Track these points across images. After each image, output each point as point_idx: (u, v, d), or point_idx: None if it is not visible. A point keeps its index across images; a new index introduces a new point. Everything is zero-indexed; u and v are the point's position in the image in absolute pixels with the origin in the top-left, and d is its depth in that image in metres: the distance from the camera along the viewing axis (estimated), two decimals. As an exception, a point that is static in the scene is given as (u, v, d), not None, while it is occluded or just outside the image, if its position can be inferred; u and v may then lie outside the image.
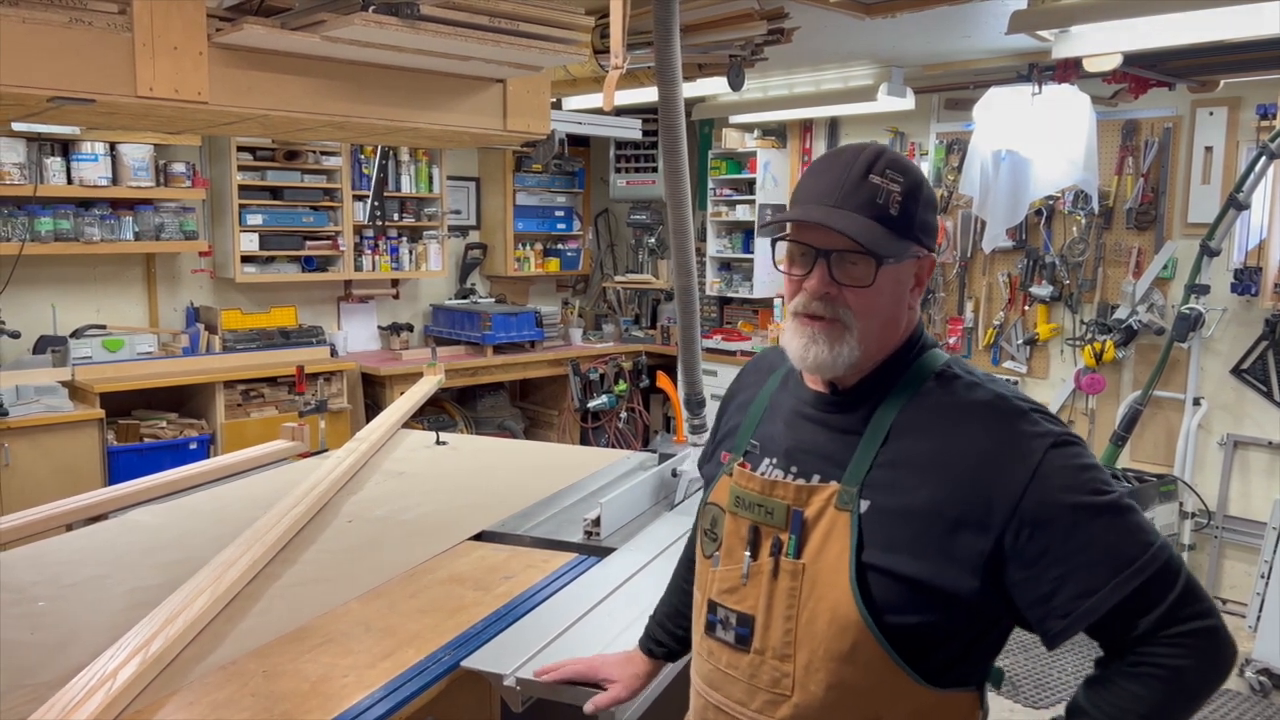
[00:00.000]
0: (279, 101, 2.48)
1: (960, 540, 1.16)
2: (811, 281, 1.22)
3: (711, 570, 1.34)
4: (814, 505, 1.24)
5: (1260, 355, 4.61)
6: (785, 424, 1.34)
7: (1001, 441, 1.18)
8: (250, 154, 5.40)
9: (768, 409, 1.39)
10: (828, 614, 1.20)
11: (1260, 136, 4.41)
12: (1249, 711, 3.73)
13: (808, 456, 1.28)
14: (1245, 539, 4.62)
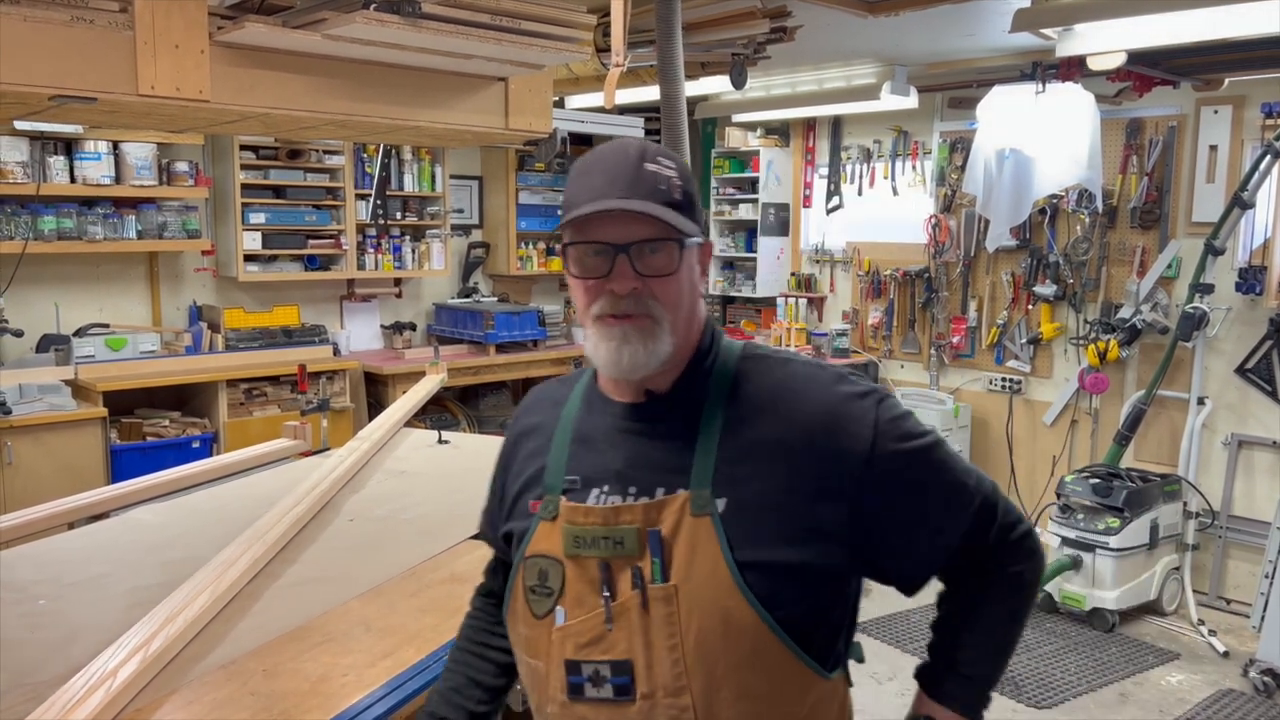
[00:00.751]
0: (281, 100, 2.47)
1: (822, 513, 1.14)
2: (617, 280, 1.14)
3: (555, 629, 1.18)
4: (668, 520, 1.14)
5: (1265, 355, 4.59)
6: (607, 446, 1.21)
7: (834, 409, 1.18)
8: (253, 153, 5.39)
9: (575, 441, 1.24)
10: (720, 626, 1.11)
11: (1265, 135, 4.39)
12: (1253, 712, 3.72)
13: (643, 472, 1.17)
14: (1250, 539, 4.61)
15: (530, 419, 1.33)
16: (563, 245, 1.19)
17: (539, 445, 1.28)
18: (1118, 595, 4.40)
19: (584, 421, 1.25)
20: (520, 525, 1.26)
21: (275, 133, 3.98)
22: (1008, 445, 5.54)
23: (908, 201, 5.93)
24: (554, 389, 1.35)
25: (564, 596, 1.17)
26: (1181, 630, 4.45)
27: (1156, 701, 3.81)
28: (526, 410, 1.37)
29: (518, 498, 1.29)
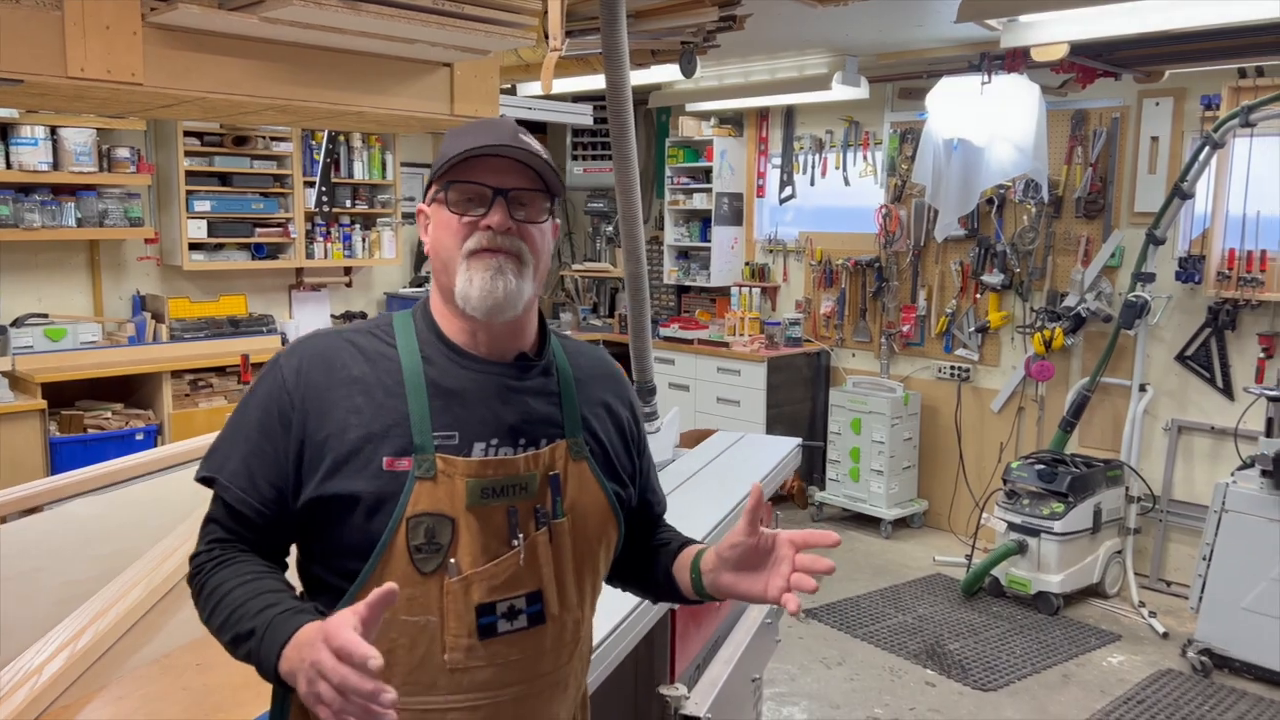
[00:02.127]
0: (218, 84, 2.42)
1: (630, 457, 1.42)
2: (495, 217, 1.24)
3: (451, 580, 1.21)
4: (558, 464, 1.30)
5: (1204, 342, 4.69)
6: (493, 403, 1.27)
7: (620, 377, 1.46)
8: (198, 139, 5.29)
9: (436, 396, 1.25)
10: (600, 548, 1.34)
11: (1204, 127, 4.48)
12: (1190, 691, 3.81)
13: (532, 426, 1.29)
14: (1189, 522, 4.71)
15: (344, 371, 1.25)
16: (439, 189, 1.26)
17: (377, 401, 1.23)
18: (1062, 579, 4.48)
19: (443, 377, 1.26)
20: (372, 485, 1.19)
21: (213, 117, 3.89)
22: (956, 433, 5.61)
23: (859, 191, 5.97)
24: (362, 341, 1.28)
25: (455, 549, 1.22)
26: (1123, 612, 4.55)
27: (1098, 682, 3.89)
28: (329, 360, 1.26)
29: (352, 454, 1.21)
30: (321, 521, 1.22)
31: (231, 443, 1.25)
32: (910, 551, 5.34)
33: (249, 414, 1.26)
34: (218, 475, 1.24)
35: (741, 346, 5.91)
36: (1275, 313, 4.46)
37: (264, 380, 1.27)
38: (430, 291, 1.34)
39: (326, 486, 1.20)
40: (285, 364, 1.26)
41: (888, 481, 5.54)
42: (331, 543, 1.22)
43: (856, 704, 3.67)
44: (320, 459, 1.21)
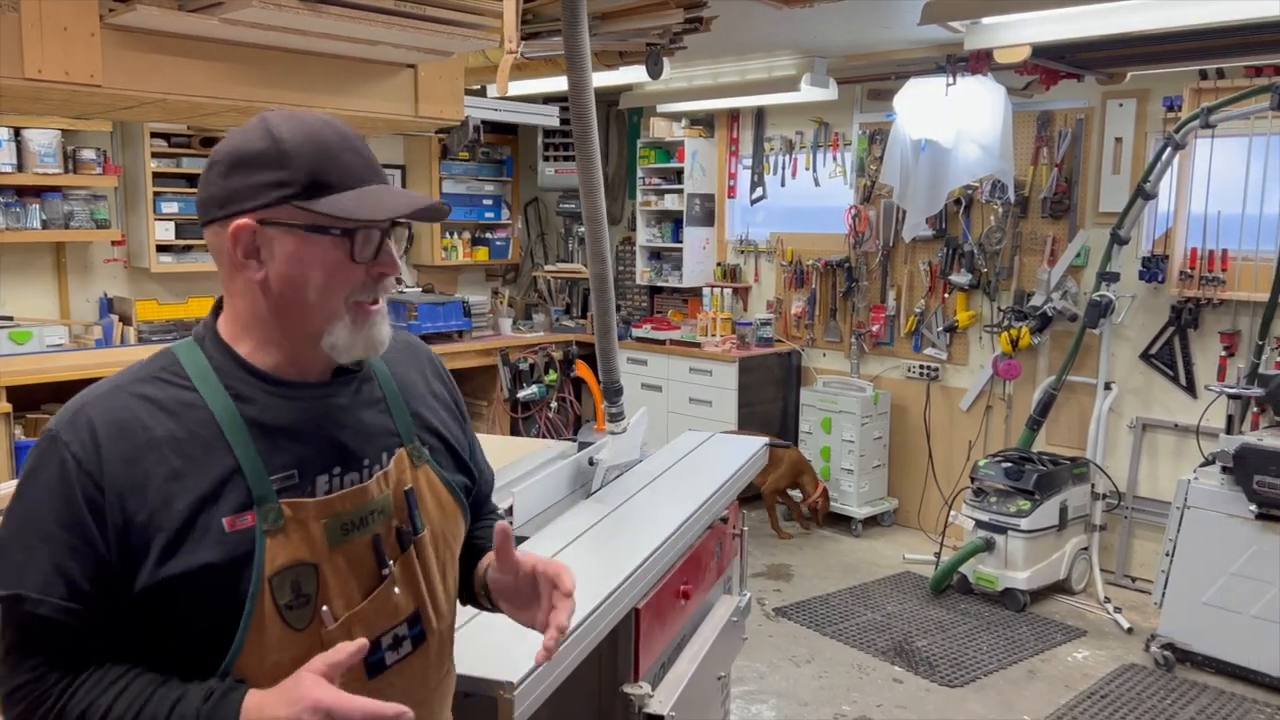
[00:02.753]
0: (178, 85, 2.41)
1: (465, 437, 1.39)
2: (389, 264, 1.15)
3: (327, 630, 1.12)
4: (407, 477, 1.23)
5: (1167, 341, 4.76)
6: (315, 430, 1.16)
7: (415, 342, 1.41)
8: (165, 140, 5.25)
9: (259, 438, 1.11)
10: (455, 547, 1.32)
11: (1167, 128, 4.54)
12: (1153, 684, 3.86)
13: (370, 442, 1.20)
14: (1154, 519, 4.77)
15: (145, 434, 1.07)
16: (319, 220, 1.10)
17: (195, 459, 1.08)
18: (1029, 575, 4.53)
19: (264, 414, 1.12)
20: (219, 553, 1.06)
21: (175, 119, 3.87)
22: (925, 431, 5.66)
23: (829, 192, 6.01)
24: (153, 392, 1.10)
25: (326, 595, 1.13)
26: (1089, 608, 4.60)
27: (1063, 677, 3.93)
28: (123, 425, 1.07)
29: (186, 526, 1.06)
30: (167, 606, 1.06)
31: (25, 549, 1.04)
32: (880, 549, 5.38)
33: (37, 509, 1.05)
34: (21, 590, 1.03)
35: (713, 347, 5.93)
36: (1237, 311, 4.52)
37: (44, 466, 1.06)
38: (222, 317, 1.17)
39: (167, 568, 1.04)
40: (69, 441, 1.06)
41: (858, 480, 5.58)
42: (183, 625, 1.07)
43: (824, 701, 3.70)
44: (149, 541, 1.05)
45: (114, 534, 1.05)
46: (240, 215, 1.10)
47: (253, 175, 1.10)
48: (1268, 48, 3.96)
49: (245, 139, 1.12)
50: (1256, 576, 3.79)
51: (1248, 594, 3.81)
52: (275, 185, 1.09)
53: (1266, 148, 4.34)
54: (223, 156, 1.12)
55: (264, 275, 1.11)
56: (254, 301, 1.13)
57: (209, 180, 1.13)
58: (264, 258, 1.11)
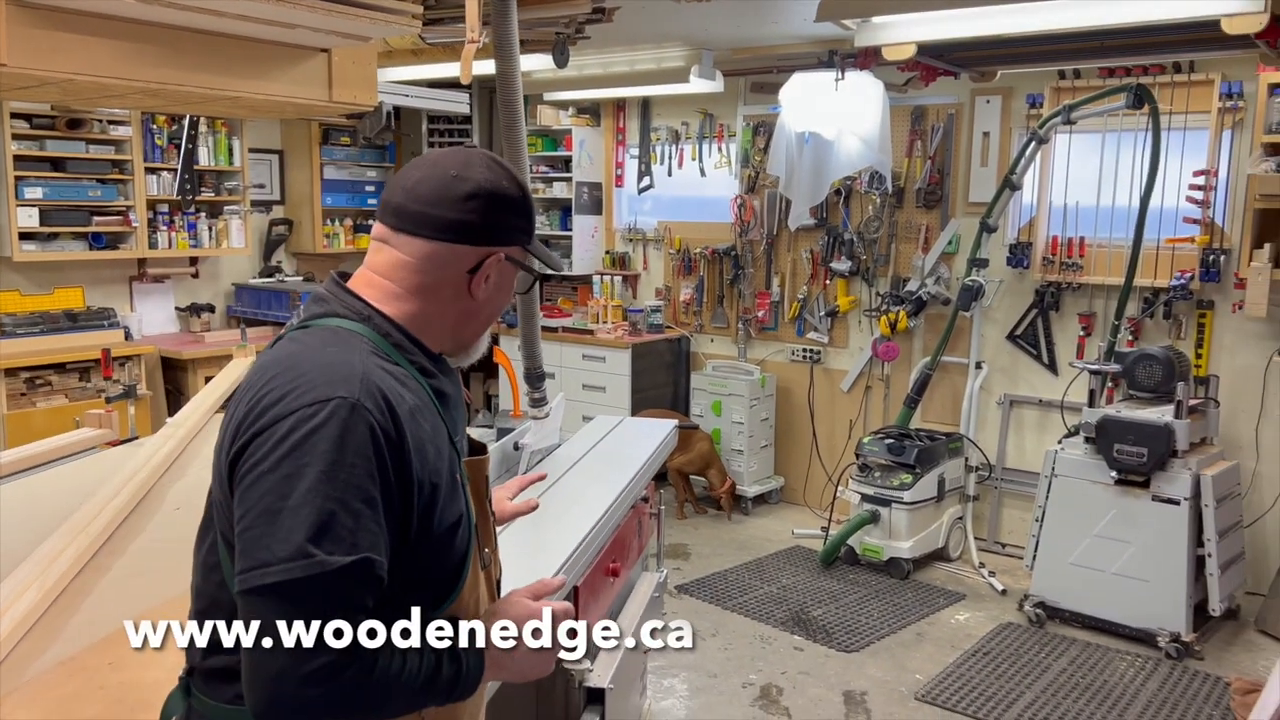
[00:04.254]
0: (86, 65, 2.31)
1: None
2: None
3: (485, 569, 1.33)
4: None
5: (1031, 322, 5.11)
6: (459, 404, 1.38)
7: None
8: (26, 121, 4.95)
9: (441, 411, 1.28)
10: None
11: (1030, 124, 4.87)
12: (1028, 640, 4.17)
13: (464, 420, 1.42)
14: (1022, 488, 5.13)
15: (404, 403, 1.18)
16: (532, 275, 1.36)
17: (431, 425, 1.22)
18: (911, 545, 4.80)
19: (441, 385, 1.30)
20: (461, 507, 1.24)
21: (79, 100, 3.67)
22: (809, 411, 5.90)
23: (715, 182, 6.16)
24: (386, 365, 1.21)
25: (484, 541, 1.33)
26: (966, 573, 4.92)
27: (948, 638, 4.20)
28: (393, 391, 1.17)
29: (449, 481, 1.22)
30: (427, 558, 1.20)
31: (353, 514, 1.09)
32: (770, 526, 5.59)
33: (355, 476, 1.09)
34: (369, 553, 1.09)
35: (605, 334, 6.01)
36: (1093, 295, 4.90)
37: (351, 431, 1.10)
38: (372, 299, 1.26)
39: (446, 516, 1.21)
40: (371, 408, 1.12)
41: (747, 460, 5.77)
42: (435, 568, 1.21)
43: (732, 671, 3.85)
44: (434, 497, 1.19)
45: (412, 492, 1.15)
46: (498, 247, 1.27)
47: (508, 216, 1.27)
48: (1121, 51, 4.31)
49: (498, 182, 1.26)
50: (1117, 537, 4.14)
51: (1109, 554, 4.16)
52: (520, 230, 1.29)
53: (1118, 144, 4.72)
54: (483, 192, 1.25)
55: (479, 297, 1.29)
56: (445, 309, 1.29)
57: (468, 208, 1.24)
58: (489, 282, 1.29)
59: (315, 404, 1.10)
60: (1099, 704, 3.63)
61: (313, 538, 1.05)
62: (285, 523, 1.05)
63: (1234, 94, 4.38)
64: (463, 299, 1.28)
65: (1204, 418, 4.26)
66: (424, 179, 1.25)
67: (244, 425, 1.14)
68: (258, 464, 1.09)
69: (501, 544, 2.18)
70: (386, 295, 1.26)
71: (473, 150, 1.28)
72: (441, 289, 1.26)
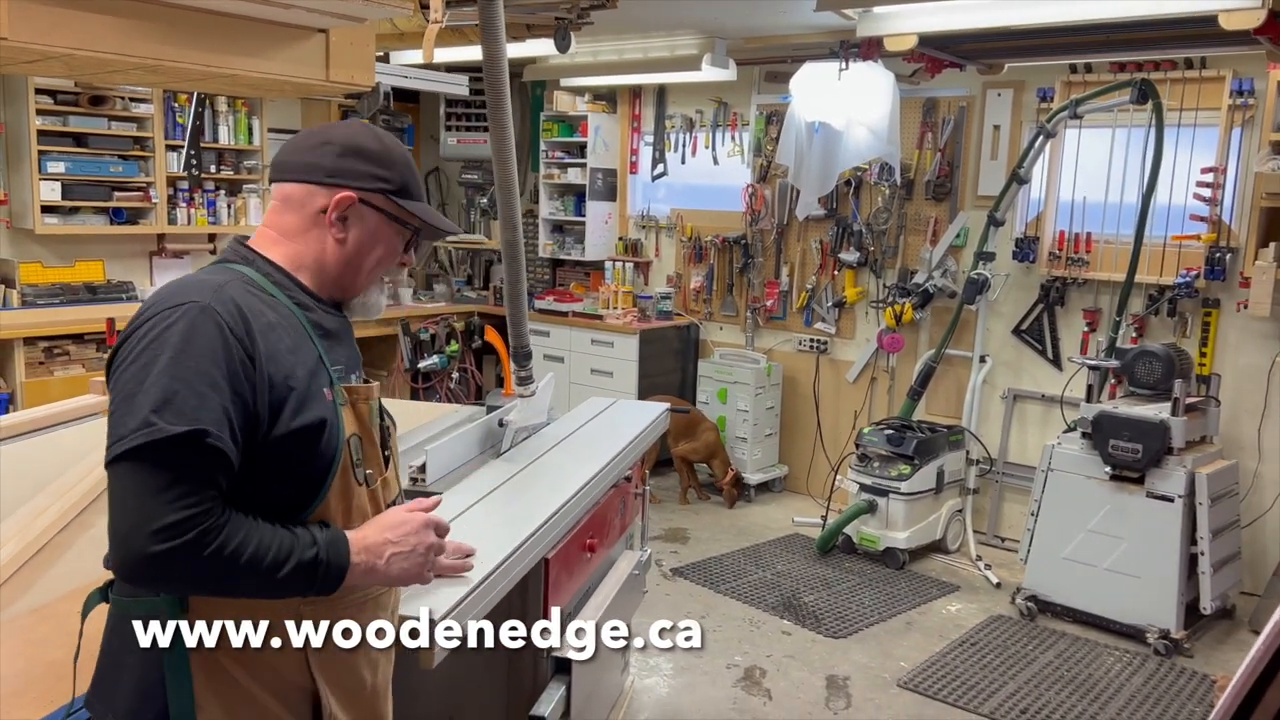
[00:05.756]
0: (85, 40, 2.39)
1: None
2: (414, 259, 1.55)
3: (369, 490, 1.44)
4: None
5: (1037, 317, 5.10)
6: (348, 341, 1.49)
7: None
8: (50, 97, 5.07)
9: (321, 337, 1.41)
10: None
11: (1040, 117, 4.85)
12: (1018, 632, 4.19)
13: (361, 358, 1.54)
14: (1021, 482, 5.13)
15: (263, 318, 1.32)
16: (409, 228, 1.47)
17: (294, 341, 1.35)
18: (908, 535, 4.82)
19: (323, 320, 1.43)
20: (324, 412, 1.34)
21: (79, 75, 3.78)
22: (815, 401, 5.92)
23: (727, 170, 6.19)
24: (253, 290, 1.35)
25: (367, 463, 1.43)
26: (962, 566, 4.93)
27: (937, 628, 4.23)
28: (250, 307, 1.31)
29: (307, 389, 1.33)
30: (284, 454, 1.30)
31: (196, 394, 1.21)
32: (771, 513, 5.63)
33: (201, 363, 1.23)
34: (207, 426, 1.20)
35: (615, 319, 6.06)
36: (1098, 290, 4.88)
37: (199, 328, 1.24)
38: (259, 247, 1.43)
39: (298, 420, 1.31)
40: (221, 311, 1.27)
41: (751, 448, 5.80)
42: (292, 470, 1.32)
43: (718, 653, 3.90)
44: (286, 397, 1.30)
45: (262, 390, 1.28)
46: (346, 189, 1.41)
47: (363, 164, 1.42)
48: (1131, 45, 4.29)
49: (356, 135, 1.44)
50: (1110, 532, 4.14)
51: (1102, 548, 4.16)
52: (378, 178, 1.43)
53: (1128, 139, 4.69)
54: (336, 141, 1.43)
55: (344, 237, 1.43)
56: (321, 252, 1.43)
57: (319, 153, 1.42)
58: (349, 225, 1.43)
59: (170, 308, 1.26)
60: (1080, 696, 3.64)
61: (155, 409, 1.19)
62: (138, 401, 1.19)
63: (1244, 91, 4.34)
64: (327, 241, 1.43)
65: (1203, 416, 4.24)
66: (297, 138, 1.48)
67: (119, 338, 1.30)
68: (121, 361, 1.25)
69: (477, 516, 2.26)
70: (267, 241, 1.44)
71: (357, 120, 1.42)
72: (307, 230, 1.42)
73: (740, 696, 3.59)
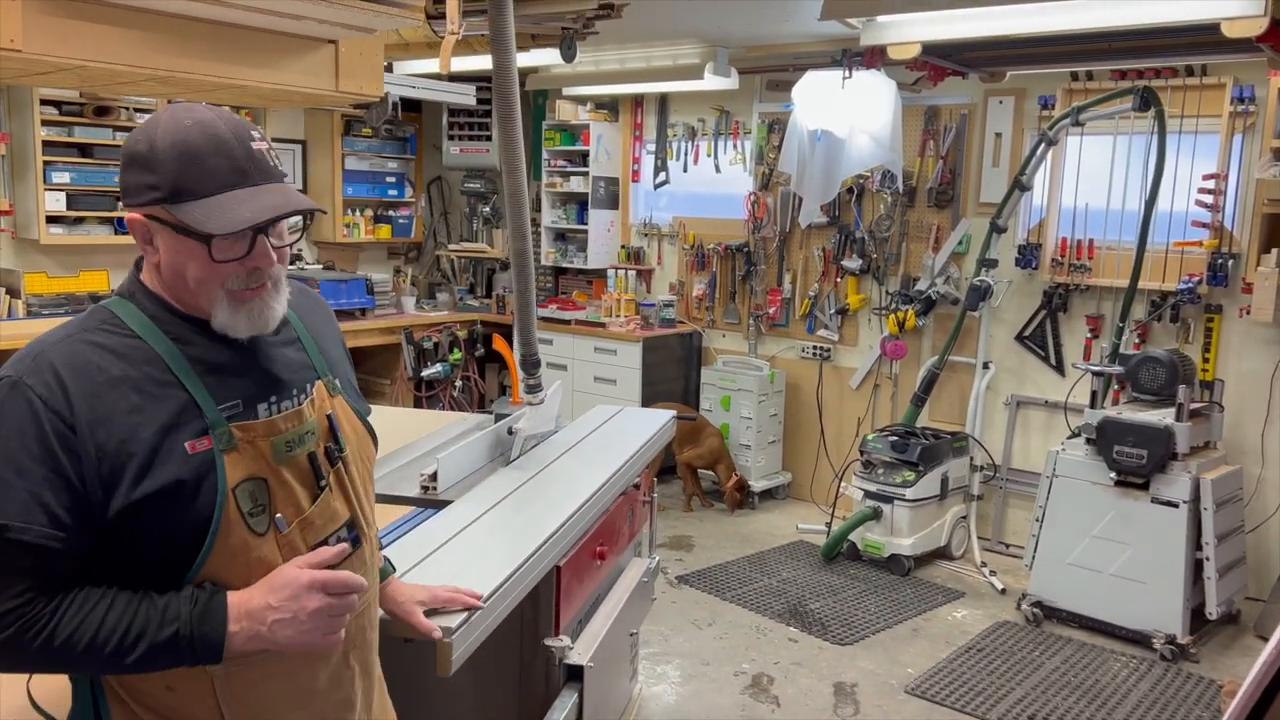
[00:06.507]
0: (99, 52, 2.41)
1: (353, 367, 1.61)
2: (262, 258, 1.28)
3: (282, 534, 1.30)
4: (327, 405, 1.41)
5: (1040, 323, 5.12)
6: (250, 368, 1.32)
7: (310, 292, 1.58)
8: (55, 108, 5.09)
9: (204, 374, 1.27)
10: (369, 466, 1.51)
11: (1041, 125, 4.88)
12: (1024, 638, 4.19)
13: (295, 375, 1.38)
14: (1026, 489, 5.13)
15: (103, 375, 1.20)
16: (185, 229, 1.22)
17: (153, 395, 1.22)
18: (913, 542, 4.83)
19: (203, 354, 1.28)
20: (179, 472, 1.20)
21: (93, 86, 3.79)
22: (818, 408, 5.93)
23: (729, 179, 6.21)
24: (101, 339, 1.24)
25: (276, 504, 1.30)
26: (967, 572, 4.94)
27: (943, 634, 4.23)
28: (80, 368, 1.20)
29: (155, 452, 1.20)
30: (143, 521, 1.20)
31: (1, 483, 1.15)
32: (775, 521, 5.64)
33: (7, 446, 1.15)
34: (6, 520, 1.13)
35: (618, 327, 6.08)
36: (1101, 296, 4.90)
37: (8, 408, 1.17)
38: (145, 276, 1.31)
39: (142, 488, 1.18)
40: (34, 384, 1.18)
41: (755, 455, 5.81)
42: (159, 537, 1.21)
43: (725, 660, 3.90)
44: (123, 466, 1.18)
45: (89, 463, 1.17)
46: (131, 208, 1.27)
47: (135, 175, 1.25)
48: (1132, 53, 4.31)
49: (135, 139, 1.26)
50: (1115, 538, 4.15)
51: (1107, 554, 4.17)
52: (148, 188, 1.24)
53: (1129, 147, 4.72)
54: (123, 151, 1.28)
55: (157, 260, 1.28)
56: (158, 276, 1.30)
57: (120, 170, 1.29)
58: (156, 245, 1.27)
59: None
60: (1088, 702, 3.65)
61: None
62: None
63: (1245, 98, 4.37)
64: (153, 265, 1.29)
65: (1207, 421, 4.25)
66: None
67: None
68: None
69: (488, 524, 2.26)
70: (147, 268, 1.31)
71: (164, 110, 1.27)
72: (147, 259, 1.30)
73: (748, 703, 3.59)
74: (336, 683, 1.40)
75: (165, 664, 1.20)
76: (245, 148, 1.27)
